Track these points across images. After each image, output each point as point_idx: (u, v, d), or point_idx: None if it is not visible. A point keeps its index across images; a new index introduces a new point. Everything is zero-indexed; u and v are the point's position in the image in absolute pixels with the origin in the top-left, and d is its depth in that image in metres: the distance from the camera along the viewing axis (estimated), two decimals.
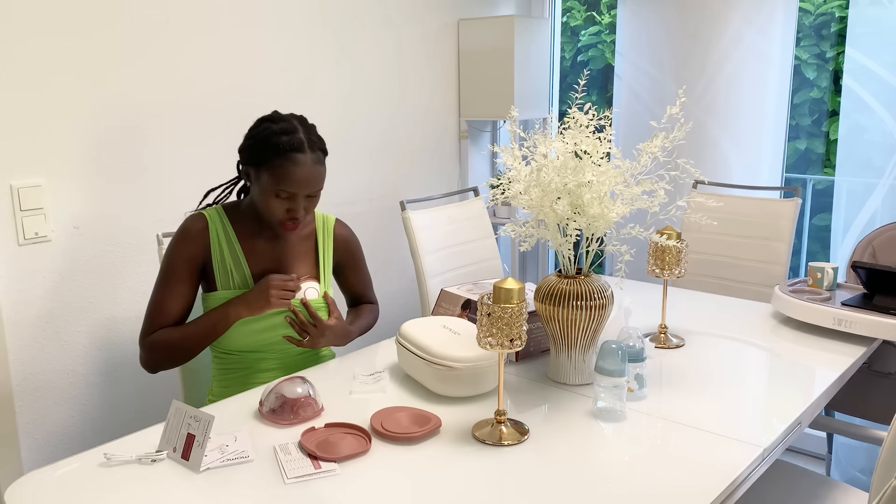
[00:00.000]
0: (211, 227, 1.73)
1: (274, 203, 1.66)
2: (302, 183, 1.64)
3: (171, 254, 1.71)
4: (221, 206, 1.78)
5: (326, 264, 1.85)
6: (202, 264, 1.73)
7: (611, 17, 3.59)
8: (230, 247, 1.73)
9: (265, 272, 1.75)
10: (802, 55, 3.09)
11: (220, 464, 1.29)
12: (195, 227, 1.72)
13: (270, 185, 1.64)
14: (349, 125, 2.76)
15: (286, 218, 1.68)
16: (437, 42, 3.06)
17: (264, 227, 1.77)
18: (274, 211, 1.67)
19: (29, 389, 2.01)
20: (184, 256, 1.70)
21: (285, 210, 1.67)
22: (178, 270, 1.70)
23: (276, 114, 1.72)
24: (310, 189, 1.66)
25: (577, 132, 1.55)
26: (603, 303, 1.55)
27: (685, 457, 1.31)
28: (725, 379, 1.64)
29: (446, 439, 1.38)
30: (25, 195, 1.94)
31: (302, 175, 1.63)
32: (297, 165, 1.63)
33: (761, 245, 2.51)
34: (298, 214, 1.67)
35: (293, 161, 1.63)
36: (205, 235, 1.72)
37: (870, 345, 1.83)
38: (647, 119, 3.03)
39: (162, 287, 1.70)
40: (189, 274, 1.71)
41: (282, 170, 1.63)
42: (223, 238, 1.73)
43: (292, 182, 1.63)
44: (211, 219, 1.74)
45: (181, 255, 1.70)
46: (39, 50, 1.93)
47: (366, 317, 1.95)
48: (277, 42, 2.48)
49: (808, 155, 3.20)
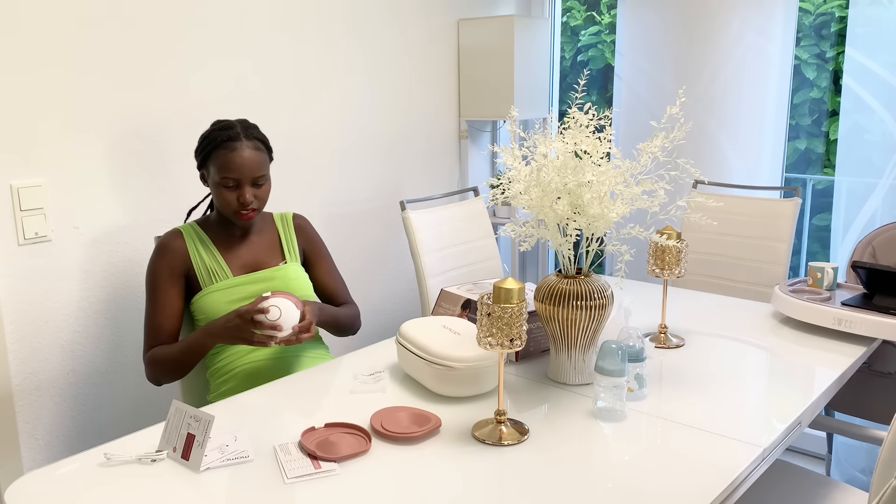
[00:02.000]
0: (186, 237, 1.83)
1: (224, 194, 1.78)
2: (242, 168, 1.76)
3: (153, 269, 1.81)
4: (193, 221, 1.89)
5: (290, 246, 1.94)
6: (184, 272, 1.82)
7: (611, 17, 3.59)
8: (207, 250, 1.83)
9: (243, 266, 1.85)
10: (802, 55, 3.09)
11: (220, 464, 1.29)
12: (171, 240, 1.83)
13: (217, 177, 1.77)
14: (349, 125, 2.76)
15: (238, 208, 1.78)
16: (437, 42, 3.06)
17: (234, 227, 1.87)
18: (227, 201, 1.78)
19: (29, 389, 2.01)
20: (165, 268, 1.80)
21: (236, 199, 1.78)
22: (163, 282, 1.79)
23: (220, 120, 1.85)
24: (252, 173, 1.77)
25: (577, 132, 1.55)
26: (603, 303, 1.56)
27: (685, 457, 1.31)
28: (725, 379, 1.64)
29: (446, 439, 1.38)
30: (25, 195, 1.94)
31: (240, 161, 1.76)
32: (234, 152, 1.76)
33: (761, 245, 2.51)
34: (247, 200, 1.77)
35: (230, 149, 1.76)
36: (182, 245, 1.82)
37: (870, 345, 1.83)
38: (647, 119, 3.03)
39: (152, 303, 1.80)
40: (173, 284, 1.80)
41: (222, 159, 1.76)
42: (199, 245, 1.83)
43: (232, 168, 1.75)
44: (185, 231, 1.84)
45: (162, 267, 1.80)
46: (40, 50, 1.93)
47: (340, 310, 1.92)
48: (277, 44, 2.48)
49: (808, 155, 3.20)
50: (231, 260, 1.85)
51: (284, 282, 1.84)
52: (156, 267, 1.80)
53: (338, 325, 1.91)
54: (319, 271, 1.98)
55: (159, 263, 1.80)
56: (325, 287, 1.99)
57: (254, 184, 1.79)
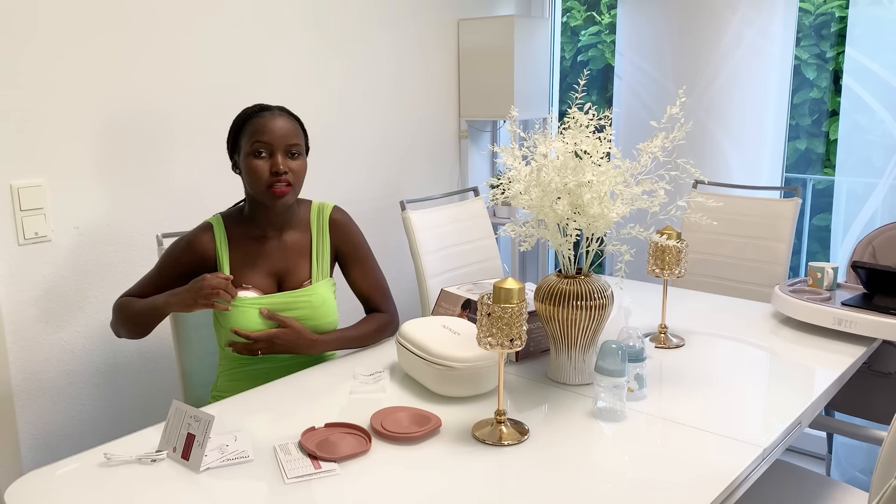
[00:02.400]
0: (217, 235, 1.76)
1: (256, 165, 1.67)
2: (274, 132, 1.68)
3: (173, 257, 1.77)
4: (220, 215, 1.81)
5: (322, 256, 1.82)
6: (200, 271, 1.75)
7: (611, 17, 3.59)
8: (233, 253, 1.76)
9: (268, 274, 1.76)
10: (802, 55, 3.09)
11: (220, 464, 1.29)
12: (200, 243, 1.75)
13: (248, 147, 1.69)
14: (349, 125, 2.76)
15: (272, 180, 1.67)
16: (437, 42, 3.06)
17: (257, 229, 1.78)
18: (259, 173, 1.67)
19: (29, 389, 2.01)
20: (179, 262, 1.76)
21: (268, 170, 1.67)
22: (170, 270, 1.77)
23: None
24: (285, 140, 1.69)
25: (577, 132, 1.55)
26: (603, 303, 1.55)
27: (685, 457, 1.31)
28: (725, 379, 1.64)
29: (446, 439, 1.38)
30: (25, 195, 1.94)
31: (272, 124, 1.68)
32: (265, 118, 1.69)
33: (761, 245, 2.51)
34: (280, 169, 1.66)
35: (261, 116, 1.70)
36: (209, 247, 1.75)
37: (870, 345, 1.83)
38: (647, 119, 3.03)
39: (155, 275, 1.78)
40: (178, 278, 1.76)
41: (253, 126, 1.69)
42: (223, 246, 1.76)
43: (265, 131, 1.67)
44: (216, 229, 1.77)
45: (179, 260, 1.76)
46: (40, 50, 1.93)
47: (358, 326, 1.84)
48: (278, 42, 2.48)
49: (808, 155, 3.20)
50: (257, 262, 1.75)
51: (310, 310, 1.75)
52: (176, 257, 1.76)
53: (353, 346, 1.82)
54: (353, 275, 1.88)
55: (181, 258, 1.75)
56: (358, 292, 1.90)
57: (288, 153, 1.69)
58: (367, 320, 1.87)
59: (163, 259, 1.79)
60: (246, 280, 1.74)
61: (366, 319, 1.88)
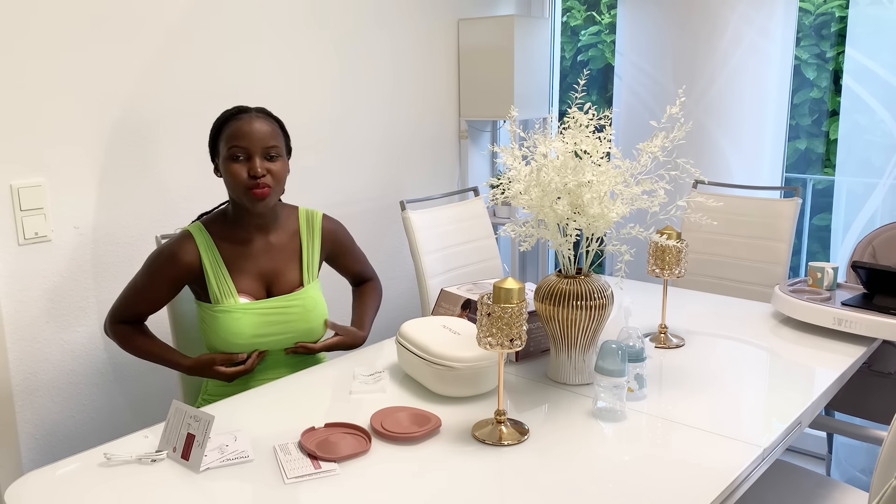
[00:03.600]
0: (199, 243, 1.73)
1: (234, 169, 1.67)
2: (251, 136, 1.68)
3: (158, 272, 1.72)
4: (200, 223, 1.77)
5: (311, 262, 1.83)
6: (185, 283, 1.75)
7: (611, 17, 3.59)
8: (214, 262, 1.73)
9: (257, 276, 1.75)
10: (802, 55, 3.09)
11: (220, 464, 1.29)
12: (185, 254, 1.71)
13: (227, 151, 1.69)
14: (349, 125, 2.76)
15: (250, 183, 1.67)
16: (437, 42, 3.06)
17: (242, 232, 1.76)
18: (237, 177, 1.67)
19: (29, 389, 2.01)
20: (166, 276, 1.72)
21: (246, 173, 1.67)
22: (157, 284, 1.73)
23: None
24: (262, 143, 1.68)
25: (577, 132, 1.55)
26: (603, 303, 1.56)
27: (685, 457, 1.31)
28: (725, 379, 1.64)
29: (446, 439, 1.38)
30: (25, 195, 1.94)
31: (249, 127, 1.68)
32: (242, 121, 1.70)
33: (761, 245, 2.51)
34: (258, 172, 1.66)
35: (238, 119, 1.70)
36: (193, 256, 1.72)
37: (870, 345, 1.83)
38: (647, 119, 3.03)
39: (139, 286, 1.74)
40: (168, 290, 1.74)
41: (231, 129, 1.69)
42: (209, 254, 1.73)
43: (241, 135, 1.68)
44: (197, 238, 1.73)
45: (165, 273, 1.72)
46: (40, 50, 1.93)
47: (371, 303, 1.98)
48: (278, 42, 2.48)
49: (808, 155, 3.20)
50: (244, 265, 1.74)
51: (303, 313, 1.76)
52: (162, 269, 1.71)
53: None
54: (345, 263, 1.98)
55: (165, 269, 1.71)
56: (351, 272, 2.01)
57: (266, 156, 1.69)
58: (368, 292, 2.01)
59: (147, 274, 1.73)
60: (234, 282, 1.73)
61: (366, 292, 2.01)
